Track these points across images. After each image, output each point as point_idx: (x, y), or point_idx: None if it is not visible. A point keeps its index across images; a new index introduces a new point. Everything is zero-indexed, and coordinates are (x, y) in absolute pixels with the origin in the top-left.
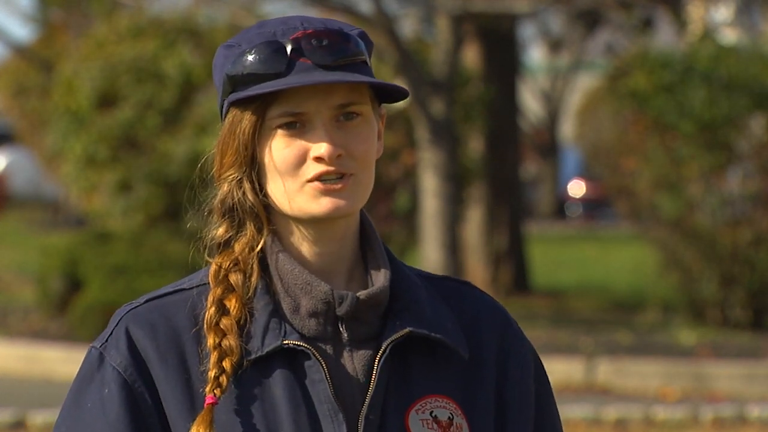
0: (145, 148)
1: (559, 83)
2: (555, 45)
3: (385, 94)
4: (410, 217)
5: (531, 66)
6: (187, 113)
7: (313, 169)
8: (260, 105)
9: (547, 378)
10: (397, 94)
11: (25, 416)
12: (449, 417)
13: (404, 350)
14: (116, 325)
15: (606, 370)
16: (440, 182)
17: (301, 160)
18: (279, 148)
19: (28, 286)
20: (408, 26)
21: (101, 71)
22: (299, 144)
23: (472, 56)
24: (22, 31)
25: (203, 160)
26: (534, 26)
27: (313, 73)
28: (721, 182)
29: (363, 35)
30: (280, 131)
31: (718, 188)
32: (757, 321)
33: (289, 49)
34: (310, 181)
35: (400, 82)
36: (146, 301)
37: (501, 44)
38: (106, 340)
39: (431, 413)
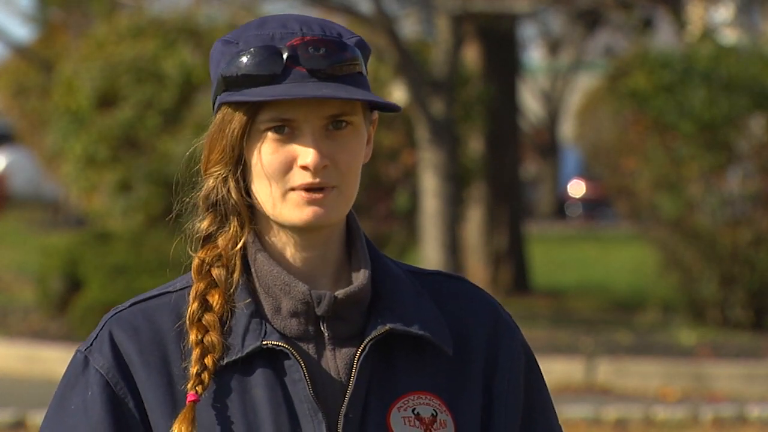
0: (145, 148)
1: (559, 83)
2: (555, 45)
3: (378, 103)
4: (410, 217)
5: (531, 66)
6: (187, 113)
7: (298, 177)
8: (251, 108)
9: (539, 368)
10: (387, 105)
11: (25, 416)
12: (433, 413)
13: (388, 348)
14: (101, 329)
15: (606, 370)
16: (440, 182)
17: (288, 167)
18: (267, 153)
19: (28, 286)
20: (408, 26)
21: (101, 71)
22: (287, 150)
23: (472, 56)
24: (22, 31)
25: (190, 151)
26: (534, 26)
27: (307, 84)
28: (721, 182)
29: (361, 43)
30: (269, 134)
31: (718, 188)
32: (757, 321)
33: (285, 55)
34: (293, 189)
35: (400, 82)
36: (131, 305)
37: (501, 44)
38: (91, 344)
39: (413, 410)
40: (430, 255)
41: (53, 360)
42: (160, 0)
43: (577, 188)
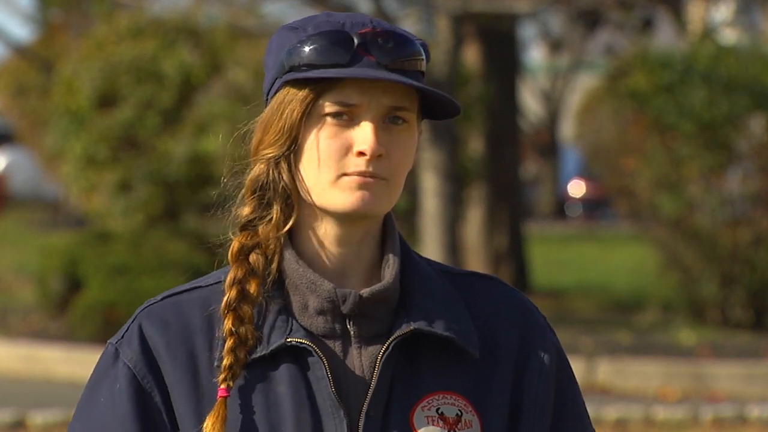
0: (145, 148)
1: (559, 83)
2: (555, 45)
3: (430, 109)
4: (410, 217)
5: (531, 66)
6: (186, 113)
7: (352, 164)
8: (315, 89)
9: (571, 370)
10: (443, 112)
11: (25, 416)
12: (457, 413)
13: (414, 347)
14: (132, 322)
15: (606, 370)
16: (440, 182)
17: (343, 153)
18: (324, 137)
19: (28, 286)
20: (408, 26)
21: (101, 71)
22: (344, 136)
23: (472, 56)
24: (22, 31)
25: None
26: (534, 26)
27: (376, 71)
28: (721, 182)
29: (425, 45)
30: (328, 119)
31: (718, 188)
32: (757, 321)
33: (356, 42)
34: (346, 174)
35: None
36: (163, 298)
37: (501, 44)
38: (122, 337)
39: (437, 410)
40: (430, 255)
41: (53, 360)
42: (160, 0)
43: (577, 188)
